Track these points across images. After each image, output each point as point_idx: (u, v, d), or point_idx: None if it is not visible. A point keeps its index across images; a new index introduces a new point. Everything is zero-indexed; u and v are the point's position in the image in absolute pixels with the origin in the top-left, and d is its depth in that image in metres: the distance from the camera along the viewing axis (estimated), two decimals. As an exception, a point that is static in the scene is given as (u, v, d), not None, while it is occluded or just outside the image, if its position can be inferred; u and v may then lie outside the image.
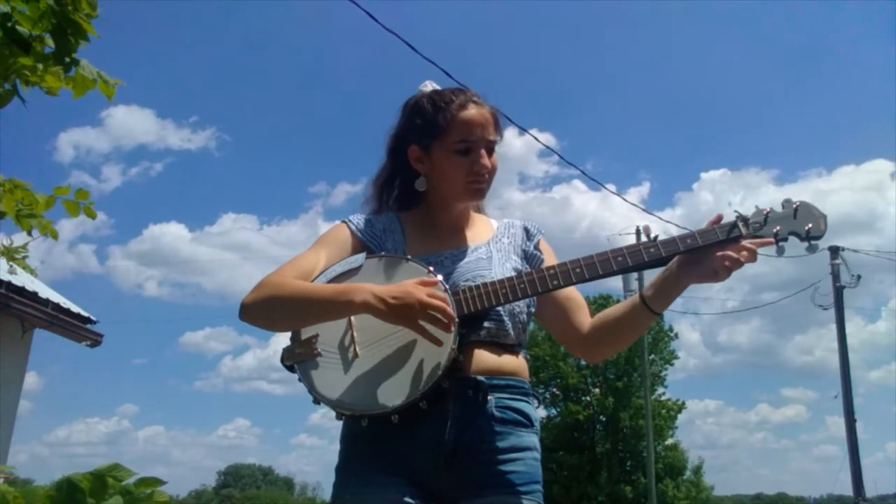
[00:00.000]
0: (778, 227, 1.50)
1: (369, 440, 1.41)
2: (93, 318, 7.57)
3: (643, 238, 1.51)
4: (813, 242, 1.51)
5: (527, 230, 1.66)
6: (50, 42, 1.54)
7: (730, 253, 1.44)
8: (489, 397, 1.43)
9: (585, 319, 1.60)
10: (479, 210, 1.70)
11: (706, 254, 1.46)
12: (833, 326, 16.39)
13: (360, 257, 1.48)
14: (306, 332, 1.44)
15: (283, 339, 1.50)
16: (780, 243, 1.50)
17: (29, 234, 1.73)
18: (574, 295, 1.62)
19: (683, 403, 26.46)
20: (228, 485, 57.89)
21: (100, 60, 1.64)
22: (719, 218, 1.49)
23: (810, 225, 1.50)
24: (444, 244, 1.56)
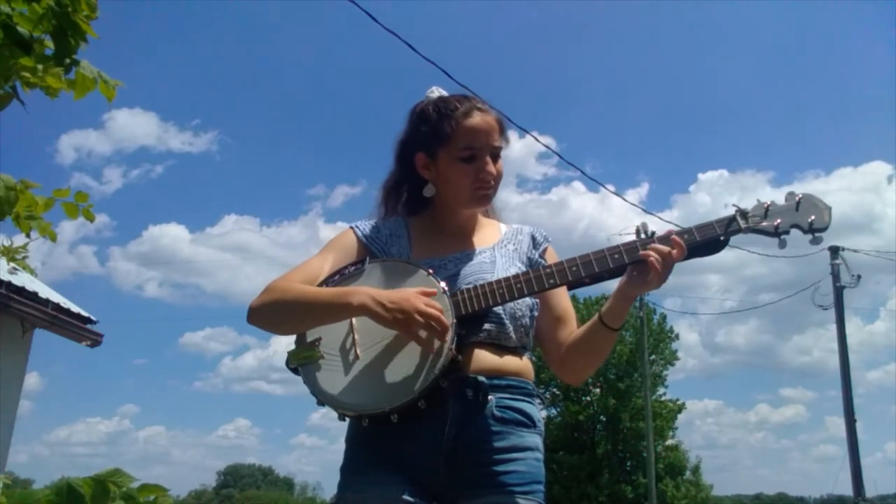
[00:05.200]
0: (779, 220, 1.48)
1: (371, 440, 1.43)
2: (93, 318, 7.56)
3: (641, 235, 1.50)
4: (817, 235, 1.48)
5: (534, 238, 1.66)
6: (49, 44, 1.54)
7: (652, 251, 1.42)
8: (490, 397, 1.43)
9: (568, 338, 1.59)
10: (488, 214, 1.70)
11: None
12: (831, 327, 16.40)
13: (364, 262, 1.50)
14: (310, 335, 1.46)
15: (282, 339, 1.53)
16: (782, 236, 1.48)
17: (28, 236, 1.72)
18: (565, 312, 1.61)
19: (683, 404, 26.46)
20: (228, 485, 57.89)
21: (103, 64, 1.63)
22: (669, 233, 1.47)
23: (813, 217, 1.48)
24: (449, 248, 1.57)
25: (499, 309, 1.48)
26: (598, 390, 25.64)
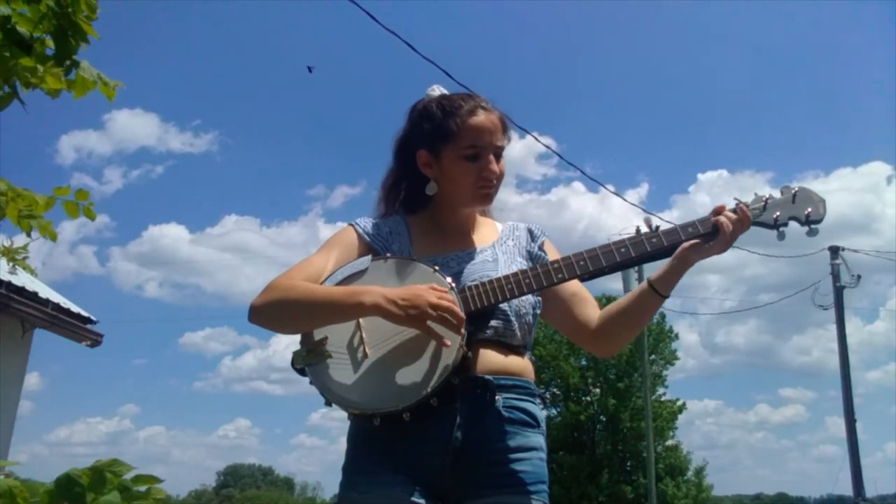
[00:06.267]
0: (778, 213, 1.52)
1: (377, 439, 1.41)
2: (93, 318, 7.57)
3: (645, 229, 1.52)
4: (813, 227, 1.53)
5: (531, 232, 1.67)
6: (50, 44, 1.55)
7: (724, 217, 1.49)
8: (497, 397, 1.43)
9: (594, 312, 1.60)
10: (485, 213, 1.70)
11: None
12: (831, 327, 16.41)
13: (366, 259, 1.49)
14: (316, 335, 1.44)
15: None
16: (781, 228, 1.52)
17: (28, 235, 1.72)
18: (579, 289, 1.62)
19: (684, 404, 26.45)
20: (228, 485, 57.84)
21: (104, 64, 1.63)
22: (721, 208, 1.52)
23: (809, 209, 1.52)
24: (451, 246, 1.57)
25: (504, 306, 1.47)
26: (598, 390, 25.63)
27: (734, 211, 1.51)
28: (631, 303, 1.55)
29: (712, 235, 1.50)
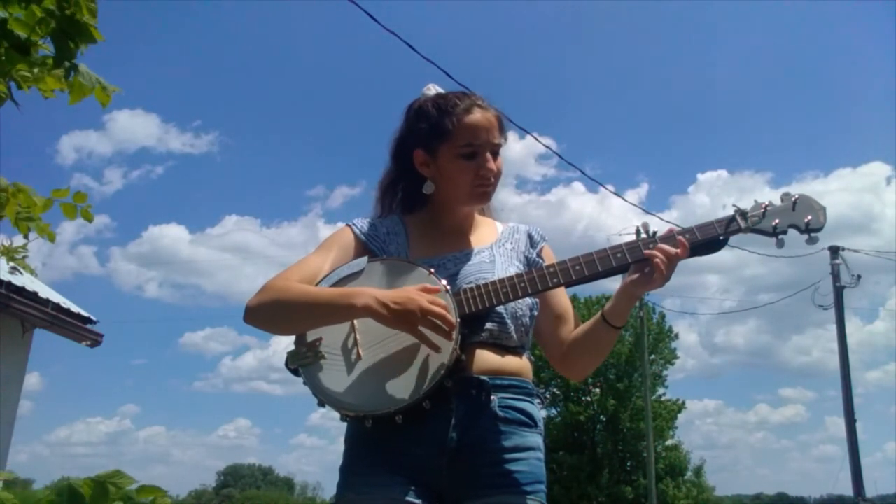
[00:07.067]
0: (777, 221, 1.50)
1: (373, 440, 1.41)
2: (93, 318, 7.56)
3: (642, 235, 1.51)
4: (813, 235, 1.52)
5: (531, 237, 1.66)
6: (45, 47, 1.53)
7: (658, 251, 1.44)
8: (493, 397, 1.43)
9: (569, 335, 1.60)
10: (484, 213, 1.69)
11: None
12: (830, 327, 16.44)
13: (363, 261, 1.48)
14: (310, 336, 1.44)
15: (283, 340, 1.50)
16: (780, 236, 1.51)
17: (26, 237, 1.72)
18: (565, 311, 1.62)
19: (683, 404, 26.46)
20: (228, 485, 57.84)
21: (105, 66, 1.63)
22: (671, 232, 1.49)
23: (809, 217, 1.51)
24: (448, 247, 1.56)
25: (500, 308, 1.47)
26: (598, 390, 25.63)
27: (671, 242, 1.46)
28: (588, 333, 1.56)
29: (710, 244, 1.49)
